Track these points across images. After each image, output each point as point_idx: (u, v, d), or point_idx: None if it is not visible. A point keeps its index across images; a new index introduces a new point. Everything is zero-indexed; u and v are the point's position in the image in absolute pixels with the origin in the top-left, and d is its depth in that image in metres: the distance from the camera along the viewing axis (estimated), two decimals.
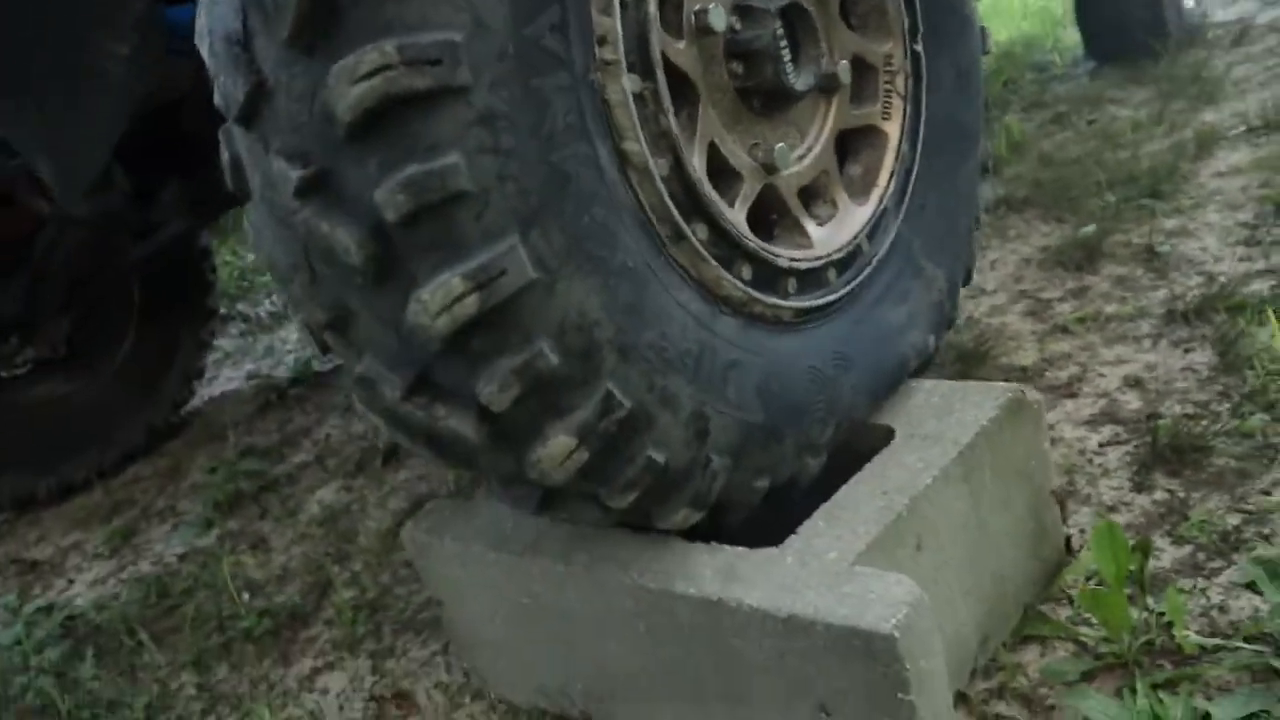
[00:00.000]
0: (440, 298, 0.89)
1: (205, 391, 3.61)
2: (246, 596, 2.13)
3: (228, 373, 3.80)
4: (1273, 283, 2.09)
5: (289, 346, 3.90)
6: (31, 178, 1.97)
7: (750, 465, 1.16)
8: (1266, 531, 1.42)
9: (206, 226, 3.08)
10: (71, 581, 2.51)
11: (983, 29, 1.61)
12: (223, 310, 4.31)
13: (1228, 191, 2.67)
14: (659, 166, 1.06)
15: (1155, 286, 2.26)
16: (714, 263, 1.12)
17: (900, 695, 1.03)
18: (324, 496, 2.50)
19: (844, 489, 1.22)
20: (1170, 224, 2.56)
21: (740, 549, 1.18)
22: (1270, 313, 1.85)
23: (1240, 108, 3.30)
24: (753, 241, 1.18)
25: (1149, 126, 3.39)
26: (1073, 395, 1.93)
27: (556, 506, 1.14)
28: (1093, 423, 1.82)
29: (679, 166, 1.09)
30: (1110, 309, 2.21)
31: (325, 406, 3.11)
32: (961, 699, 1.28)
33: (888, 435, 1.31)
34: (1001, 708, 1.27)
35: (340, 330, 1.00)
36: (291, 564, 2.23)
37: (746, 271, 1.19)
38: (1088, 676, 1.26)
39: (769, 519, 1.23)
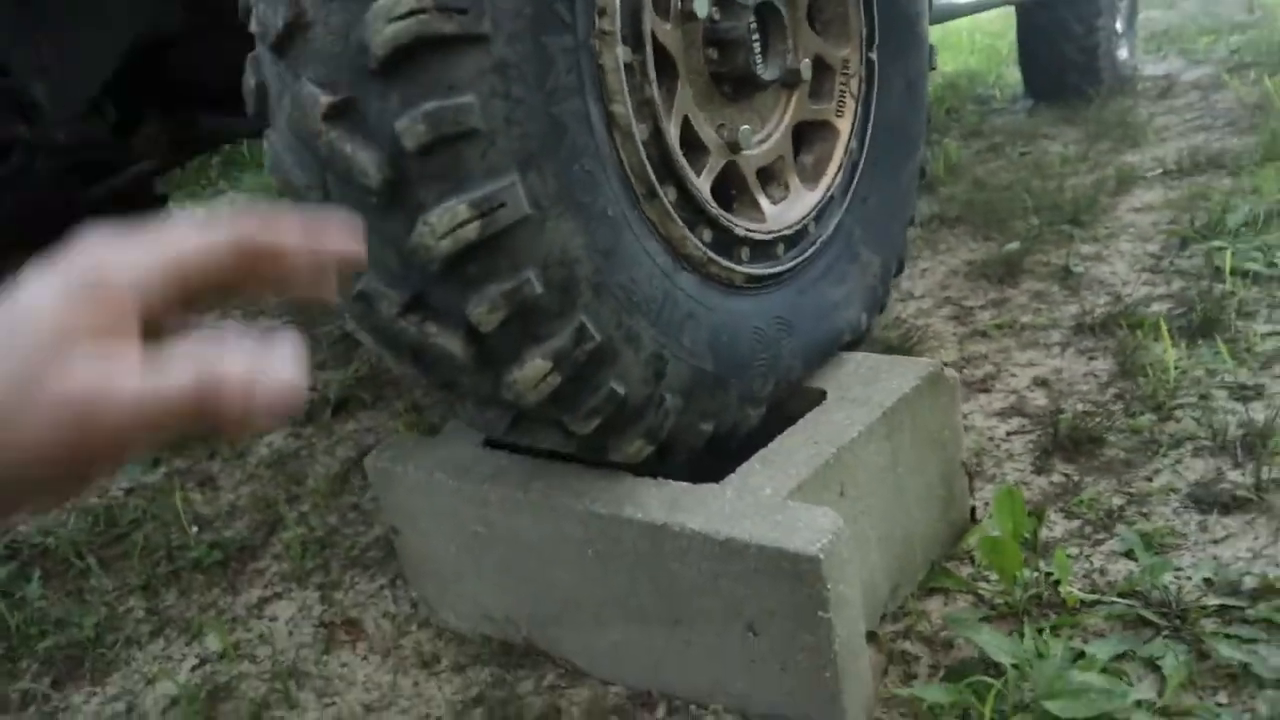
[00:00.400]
0: (446, 221, 1.01)
1: None
2: (195, 530, 2.20)
3: None
4: (1170, 305, 2.30)
5: (234, 303, 3.93)
6: (11, 101, 2.02)
7: (698, 408, 1.29)
8: (1145, 510, 1.60)
9: (167, 172, 3.12)
10: None
11: (931, 47, 1.78)
12: None
13: (1140, 225, 2.89)
14: (640, 131, 1.19)
15: (1068, 302, 2.45)
16: (680, 223, 1.26)
17: (820, 613, 1.18)
18: (273, 441, 2.57)
19: (779, 439, 1.36)
20: (1086, 249, 2.78)
21: (684, 484, 1.31)
22: (1164, 329, 2.05)
23: (1159, 153, 3.55)
24: (714, 209, 1.32)
25: (1075, 162, 3.62)
26: (986, 390, 2.10)
27: (524, 429, 1.26)
28: (1002, 414, 1.99)
29: (657, 133, 1.22)
30: (1026, 318, 2.40)
31: None
32: (872, 638, 1.43)
33: (820, 397, 1.46)
34: (907, 645, 1.42)
35: None
36: (240, 502, 2.30)
37: (707, 235, 1.32)
38: (984, 622, 1.42)
39: (709, 469, 1.37)
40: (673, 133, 1.26)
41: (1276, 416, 1.75)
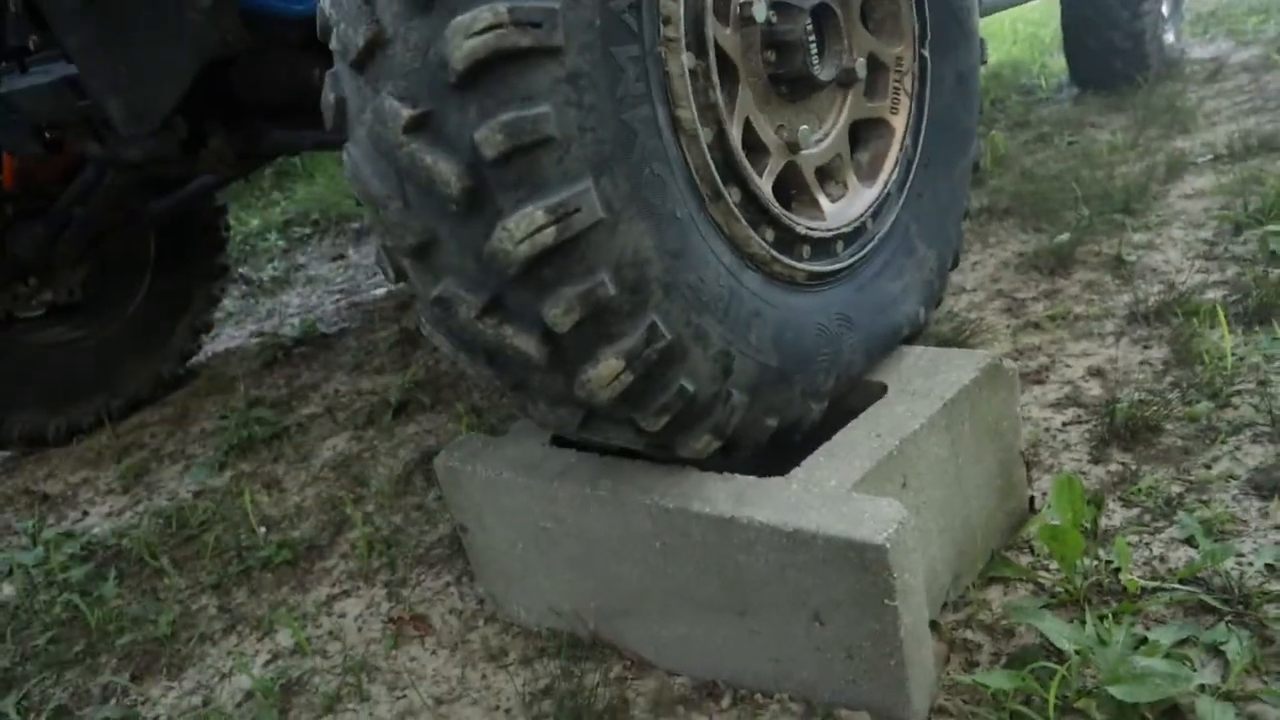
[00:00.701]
0: (524, 227, 1.05)
1: (209, 348, 3.73)
2: (263, 530, 2.26)
3: (230, 331, 3.91)
4: (1225, 291, 2.29)
5: (291, 310, 4.02)
6: (88, 121, 2.10)
7: (764, 404, 1.33)
8: (1205, 498, 1.60)
9: (227, 185, 3.21)
10: (86, 513, 2.63)
11: (982, 41, 1.79)
12: None
13: (1192, 212, 2.87)
14: (705, 134, 1.23)
15: (1121, 291, 2.45)
16: (744, 222, 1.29)
17: (886, 602, 1.20)
18: (336, 444, 2.64)
19: (842, 432, 1.39)
20: (1138, 238, 2.76)
21: (750, 478, 1.34)
22: (1220, 316, 2.05)
23: (1209, 138, 3.52)
24: (776, 208, 1.35)
25: (1125, 150, 3.60)
26: (1040, 382, 2.11)
27: (595, 427, 1.29)
28: (1058, 405, 2.00)
29: (721, 135, 1.25)
30: (1079, 309, 2.40)
31: (331, 365, 3.24)
32: (934, 626, 1.45)
33: (881, 390, 1.48)
34: (969, 634, 1.44)
35: (423, 256, 1.15)
36: (306, 503, 2.36)
37: (769, 234, 1.35)
38: (1045, 610, 1.44)
39: (772, 465, 1.40)
40: (735, 135, 1.29)
41: None
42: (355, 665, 1.72)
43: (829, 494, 1.26)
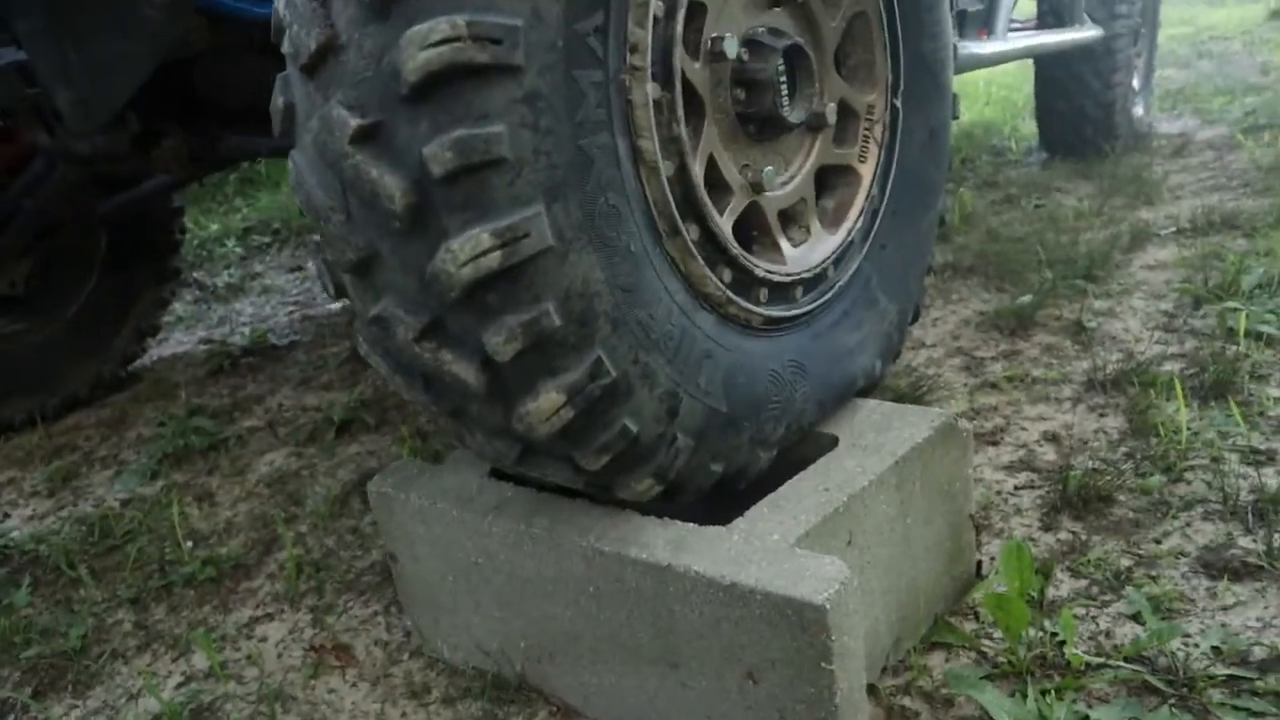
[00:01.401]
0: (469, 249, 1.00)
1: (155, 352, 3.63)
2: (190, 545, 2.17)
3: (179, 336, 3.81)
4: (1183, 364, 2.29)
5: (243, 318, 3.93)
6: (37, 111, 2.03)
7: (709, 449, 1.28)
8: (1154, 573, 1.57)
9: (184, 186, 3.13)
10: (7, 515, 2.52)
11: (955, 96, 1.78)
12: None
13: (1153, 283, 2.89)
14: (666, 167, 1.19)
15: (1079, 357, 2.44)
16: (701, 261, 1.25)
17: (824, 664, 1.15)
18: (274, 460, 2.55)
19: (789, 483, 1.35)
20: (1099, 305, 2.77)
21: (691, 525, 1.29)
22: (1178, 389, 2.04)
23: (1173, 210, 3.56)
24: (735, 249, 1.31)
25: (1090, 216, 3.63)
26: (995, 443, 2.09)
27: (532, 462, 1.24)
28: (1011, 468, 1.97)
29: (683, 170, 1.22)
30: (1037, 372, 2.39)
31: (278, 377, 3.16)
32: (871, 691, 1.41)
33: (832, 443, 1.44)
34: (906, 701, 1.40)
35: (363, 272, 1.10)
36: (237, 519, 2.28)
37: (727, 275, 1.31)
38: (986, 680, 1.40)
39: (713, 512, 1.35)
40: (698, 171, 1.26)
41: None
42: (270, 694, 1.64)
43: (770, 548, 1.22)
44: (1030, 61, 4.48)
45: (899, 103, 1.62)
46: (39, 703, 1.75)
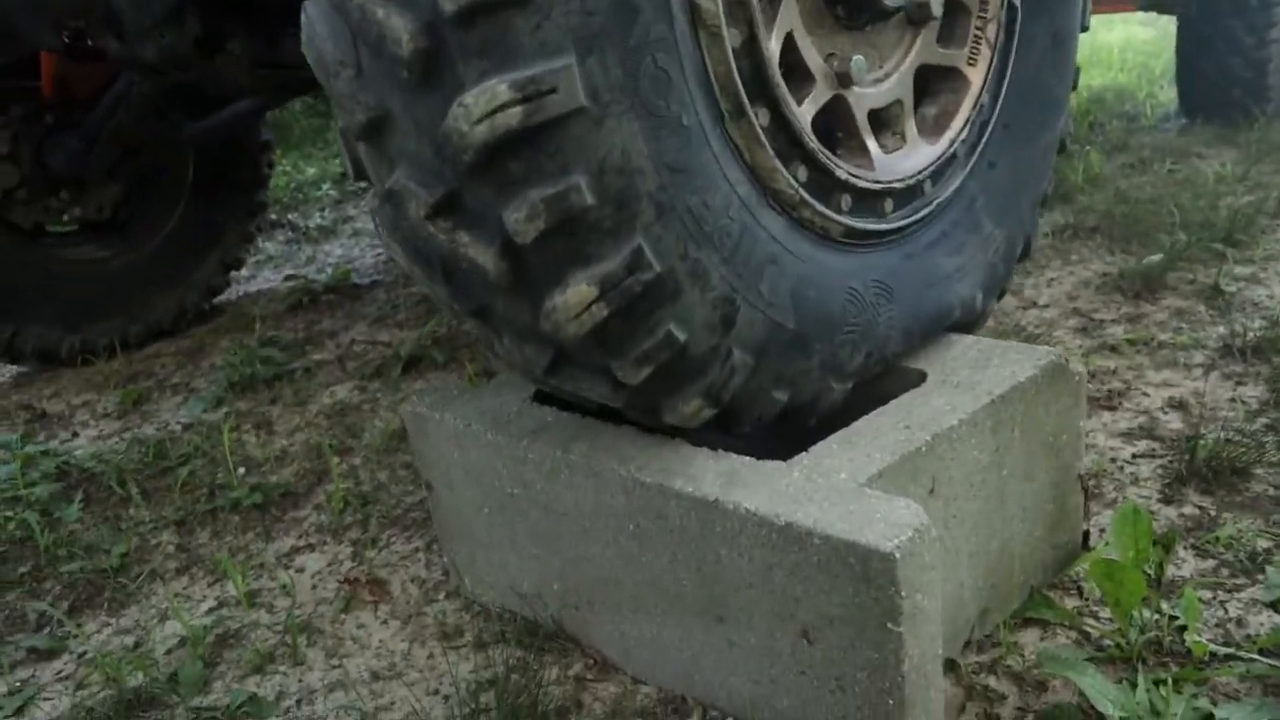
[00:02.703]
0: (484, 103, 0.85)
1: (240, 288, 3.61)
2: (242, 471, 2.10)
3: (267, 274, 3.79)
4: None
5: (331, 259, 3.89)
6: (106, 18, 1.96)
7: (772, 370, 1.11)
8: None
9: (266, 111, 3.08)
10: (75, 434, 2.50)
11: (1085, 3, 1.55)
12: (273, 217, 4.33)
13: None
14: (731, 35, 1.01)
15: (1214, 322, 2.17)
16: (770, 152, 1.07)
17: (890, 626, 0.98)
18: (337, 392, 2.47)
19: (865, 418, 1.16)
20: (1240, 270, 2.47)
21: (747, 459, 1.13)
22: None
23: None
24: (813, 143, 1.13)
25: (1232, 181, 3.28)
26: (1112, 408, 1.85)
27: (566, 374, 1.09)
28: (1129, 435, 1.74)
29: (752, 41, 1.04)
30: (1164, 336, 2.13)
31: (355, 314, 3.09)
32: (951, 667, 1.22)
33: (919, 379, 1.25)
34: (992, 681, 1.21)
35: (375, 137, 0.96)
36: (292, 448, 2.20)
37: (802, 173, 1.13)
38: (1089, 663, 1.19)
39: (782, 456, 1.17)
40: (771, 47, 1.08)
41: None
42: (296, 626, 1.54)
43: (836, 486, 1.04)
44: (1172, 22, 4.11)
45: (1017, 1, 1.40)
46: (73, 619, 1.69)
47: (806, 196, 1.12)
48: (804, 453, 1.12)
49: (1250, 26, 3.83)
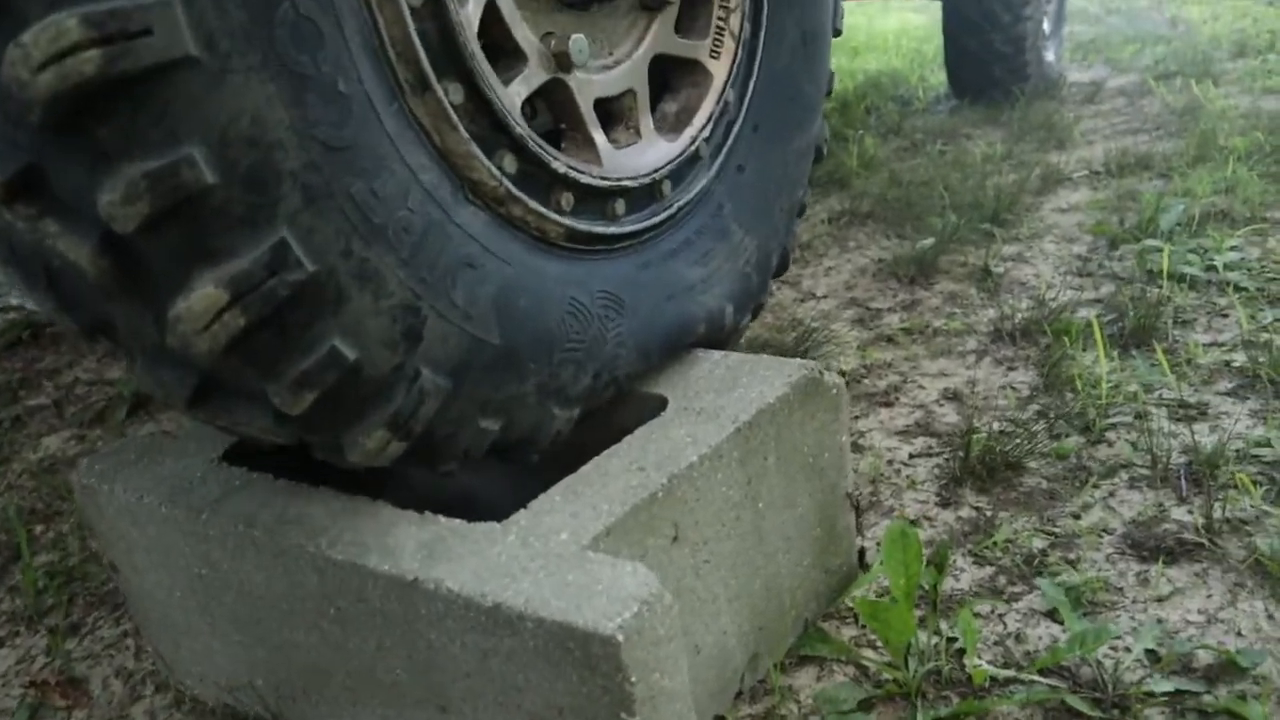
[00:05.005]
0: (45, 43, 0.63)
1: None
2: None
3: None
4: (1100, 310, 2.01)
5: None
6: None
7: (475, 395, 0.93)
8: (1073, 557, 1.28)
9: None
10: None
11: (837, 3, 1.45)
12: None
13: (1065, 225, 2.62)
14: None
15: (986, 305, 2.15)
16: (465, 135, 0.89)
17: (624, 716, 0.82)
18: (50, 445, 2.13)
19: (594, 461, 1.00)
20: (1008, 249, 2.48)
21: (457, 522, 0.95)
22: (1097, 335, 1.75)
23: (1086, 154, 3.31)
24: (521, 128, 0.96)
25: (998, 161, 3.35)
26: (889, 404, 1.78)
27: (216, 404, 0.87)
28: (906, 433, 1.67)
29: (437, 3, 0.86)
30: (938, 323, 2.09)
31: (82, 349, 2.72)
32: None
33: (660, 406, 1.10)
34: None
35: None
36: None
37: (509, 163, 0.96)
38: (865, 706, 1.08)
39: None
40: (466, 12, 0.90)
41: (1225, 442, 1.45)
42: None
43: (555, 552, 0.87)
44: (939, 9, 4.21)
45: None
46: None
47: (515, 190, 0.95)
48: (522, 509, 0.95)
49: (1007, 4, 3.95)
